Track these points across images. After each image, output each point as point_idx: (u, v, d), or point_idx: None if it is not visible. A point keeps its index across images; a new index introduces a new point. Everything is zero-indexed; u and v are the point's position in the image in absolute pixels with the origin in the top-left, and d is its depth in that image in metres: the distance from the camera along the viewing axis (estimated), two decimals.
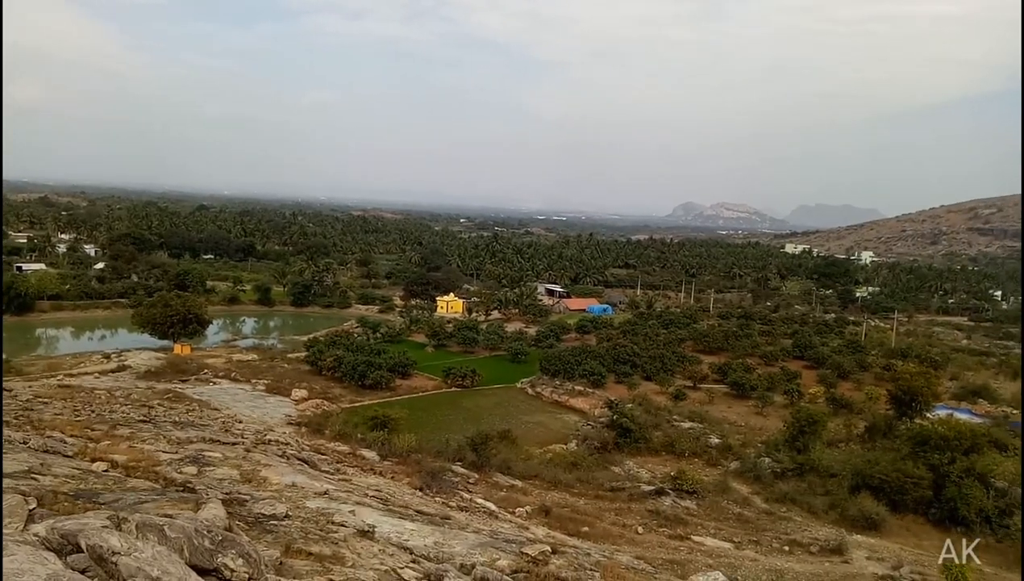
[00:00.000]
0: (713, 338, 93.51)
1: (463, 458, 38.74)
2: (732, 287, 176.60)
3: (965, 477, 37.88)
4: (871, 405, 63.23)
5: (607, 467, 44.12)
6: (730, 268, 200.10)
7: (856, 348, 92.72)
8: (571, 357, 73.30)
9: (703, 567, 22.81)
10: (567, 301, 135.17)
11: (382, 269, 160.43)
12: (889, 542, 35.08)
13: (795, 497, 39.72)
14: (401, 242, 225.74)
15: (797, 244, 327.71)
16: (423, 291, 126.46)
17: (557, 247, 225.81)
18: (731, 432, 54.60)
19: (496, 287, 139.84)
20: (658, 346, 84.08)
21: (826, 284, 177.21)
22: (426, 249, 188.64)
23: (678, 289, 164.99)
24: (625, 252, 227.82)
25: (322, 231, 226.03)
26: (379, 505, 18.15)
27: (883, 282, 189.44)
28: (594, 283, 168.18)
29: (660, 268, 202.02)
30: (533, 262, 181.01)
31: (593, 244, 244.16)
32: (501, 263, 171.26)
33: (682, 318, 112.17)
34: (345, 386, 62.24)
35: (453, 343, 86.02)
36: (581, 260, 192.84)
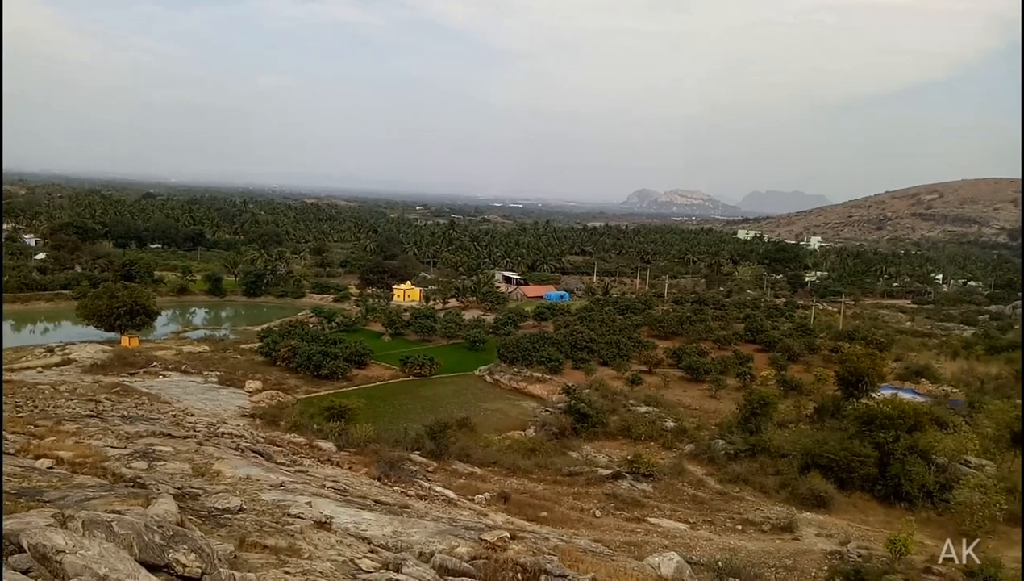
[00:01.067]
0: (668, 323, 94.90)
1: (421, 447, 38.66)
2: (686, 273, 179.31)
3: (908, 454, 39.29)
4: (820, 386, 65.01)
5: (565, 452, 44.52)
6: (684, 254, 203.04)
7: (805, 331, 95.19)
8: (529, 344, 73.58)
9: (659, 548, 23.21)
10: (524, 288, 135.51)
11: (337, 257, 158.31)
12: (837, 519, 36.24)
13: (747, 477, 40.68)
14: (356, 230, 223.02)
15: (749, 230, 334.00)
16: (379, 279, 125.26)
17: (514, 235, 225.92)
18: (686, 415, 55.59)
19: (453, 275, 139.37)
20: (614, 332, 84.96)
21: (777, 269, 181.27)
22: (382, 237, 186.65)
23: (633, 275, 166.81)
24: (581, 239, 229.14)
25: (275, 219, 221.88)
26: (336, 496, 17.98)
27: (831, 267, 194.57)
28: (551, 270, 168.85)
29: (616, 255, 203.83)
30: (490, 250, 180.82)
31: (550, 231, 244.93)
32: (458, 251, 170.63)
33: (637, 304, 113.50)
34: (300, 377, 61.42)
35: (410, 332, 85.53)
36: (538, 247, 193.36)
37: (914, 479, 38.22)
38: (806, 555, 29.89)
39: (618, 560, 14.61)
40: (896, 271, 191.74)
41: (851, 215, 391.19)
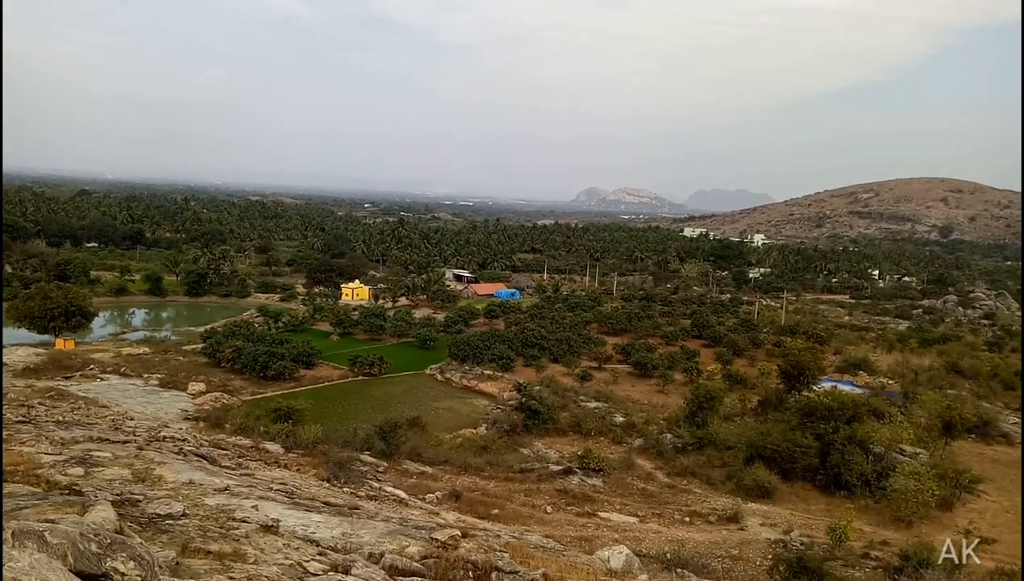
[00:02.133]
0: (617, 320, 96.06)
1: (372, 447, 38.25)
2: (634, 270, 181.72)
3: (847, 444, 40.64)
4: (764, 380, 66.73)
5: (516, 449, 44.63)
6: (632, 251, 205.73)
7: (750, 326, 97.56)
8: (480, 342, 73.53)
9: (609, 542, 23.48)
10: (475, 286, 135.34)
11: (283, 256, 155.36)
12: (781, 508, 37.25)
13: (695, 470, 41.49)
14: (303, 228, 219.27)
15: (695, 228, 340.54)
16: (327, 278, 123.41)
17: (465, 232, 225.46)
18: (635, 410, 56.36)
19: (403, 273, 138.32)
20: (564, 329, 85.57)
21: (722, 266, 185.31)
22: (329, 235, 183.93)
23: (583, 273, 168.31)
24: (532, 237, 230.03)
25: (217, 217, 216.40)
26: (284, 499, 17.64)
27: (774, 263, 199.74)
28: (502, 268, 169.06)
29: (566, 252, 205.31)
30: (440, 247, 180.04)
31: (500, 229, 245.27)
32: (408, 249, 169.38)
33: (587, 301, 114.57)
34: (246, 378, 60.10)
35: (359, 331, 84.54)
36: (489, 245, 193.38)
37: (853, 468, 39.56)
38: (751, 544, 30.65)
39: (569, 555, 14.71)
40: (835, 267, 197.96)
41: (792, 213, 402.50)
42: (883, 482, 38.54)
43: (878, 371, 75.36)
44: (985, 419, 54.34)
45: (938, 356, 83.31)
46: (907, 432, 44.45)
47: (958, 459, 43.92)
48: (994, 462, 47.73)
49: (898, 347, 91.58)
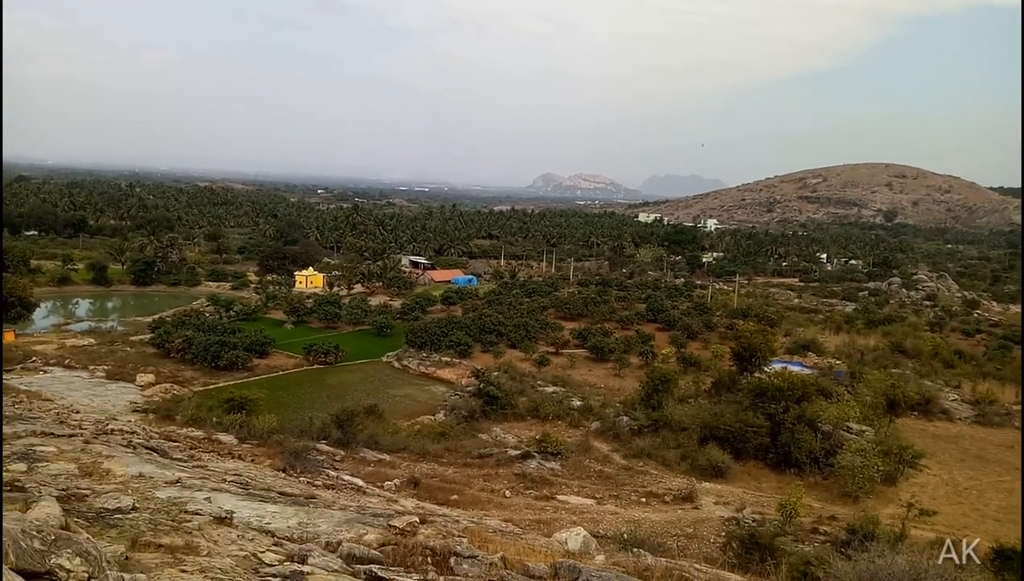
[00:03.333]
0: (573, 305, 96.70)
1: (328, 436, 37.88)
2: (590, 255, 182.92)
3: (797, 423, 41.78)
4: (717, 362, 68.02)
5: (475, 435, 44.72)
6: (588, 237, 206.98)
7: (703, 310, 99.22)
8: (437, 329, 73.24)
9: (567, 524, 23.70)
10: (432, 273, 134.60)
11: (234, 244, 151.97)
12: (734, 487, 38.15)
13: (651, 452, 42.15)
14: (254, 215, 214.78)
15: (649, 213, 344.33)
16: (280, 266, 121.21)
17: (420, 218, 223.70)
18: (592, 394, 56.91)
19: (358, 260, 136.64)
20: (522, 315, 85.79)
21: (676, 251, 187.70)
22: (281, 222, 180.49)
23: (540, 258, 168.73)
24: (488, 223, 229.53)
25: (164, 204, 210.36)
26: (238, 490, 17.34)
27: (726, 248, 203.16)
28: (459, 254, 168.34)
29: (522, 238, 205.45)
30: (396, 234, 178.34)
31: (457, 215, 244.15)
32: (363, 235, 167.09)
33: (544, 287, 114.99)
34: (197, 368, 58.79)
35: (314, 319, 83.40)
36: (445, 231, 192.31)
37: (802, 446, 40.69)
38: (705, 523, 31.34)
39: (527, 538, 14.80)
40: (785, 251, 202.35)
41: (744, 198, 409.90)
42: (831, 459, 39.73)
43: (826, 352, 77.47)
44: (927, 397, 56.37)
45: (883, 337, 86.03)
46: (854, 410, 45.87)
47: (902, 436, 45.54)
48: (935, 437, 49.65)
49: (845, 328, 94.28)
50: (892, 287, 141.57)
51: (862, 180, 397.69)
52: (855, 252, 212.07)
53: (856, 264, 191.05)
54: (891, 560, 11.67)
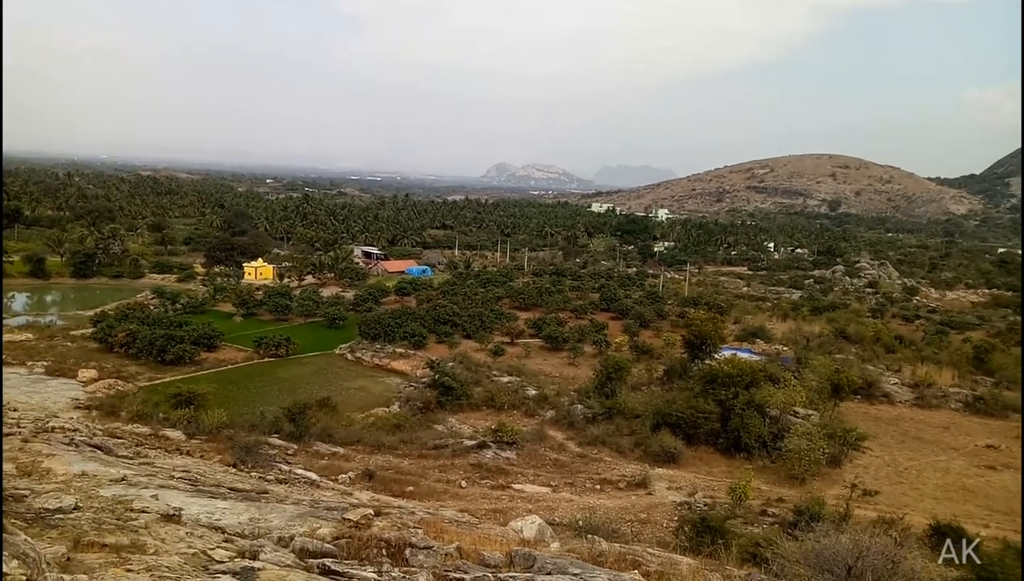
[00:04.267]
0: (528, 295, 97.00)
1: (280, 430, 37.32)
2: (544, 245, 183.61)
3: (746, 409, 42.77)
4: (669, 350, 69.11)
5: (430, 426, 44.56)
6: (542, 227, 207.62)
7: (655, 299, 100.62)
8: (391, 320, 72.63)
9: (523, 513, 23.85)
10: (385, 263, 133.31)
11: (179, 234, 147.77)
12: (686, 472, 38.90)
13: (605, 439, 42.64)
14: (200, 205, 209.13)
15: (602, 203, 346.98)
16: (228, 257, 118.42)
17: (373, 208, 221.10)
18: (546, 383, 57.24)
19: (309, 251, 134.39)
20: (477, 305, 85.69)
21: (628, 240, 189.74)
22: (229, 212, 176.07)
23: (494, 248, 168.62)
24: (442, 213, 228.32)
25: (105, 193, 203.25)
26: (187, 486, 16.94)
27: (677, 237, 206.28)
28: (412, 244, 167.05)
29: (477, 228, 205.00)
30: (348, 224, 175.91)
31: (410, 205, 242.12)
32: (313, 226, 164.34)
33: (499, 277, 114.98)
34: (142, 363, 57.13)
35: (264, 311, 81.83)
36: (398, 221, 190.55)
37: (751, 431, 41.69)
38: (658, 508, 31.90)
39: (483, 528, 14.83)
40: (734, 240, 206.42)
41: (695, 188, 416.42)
42: (779, 443, 40.81)
43: (774, 338, 79.39)
44: (869, 381, 58.32)
45: (827, 323, 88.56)
46: (800, 395, 47.17)
47: (846, 419, 47.06)
48: (877, 420, 51.42)
49: (792, 315, 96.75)
50: (836, 275, 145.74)
51: (807, 171, 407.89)
52: (801, 241, 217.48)
53: (802, 253, 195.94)
54: (835, 539, 12.04)
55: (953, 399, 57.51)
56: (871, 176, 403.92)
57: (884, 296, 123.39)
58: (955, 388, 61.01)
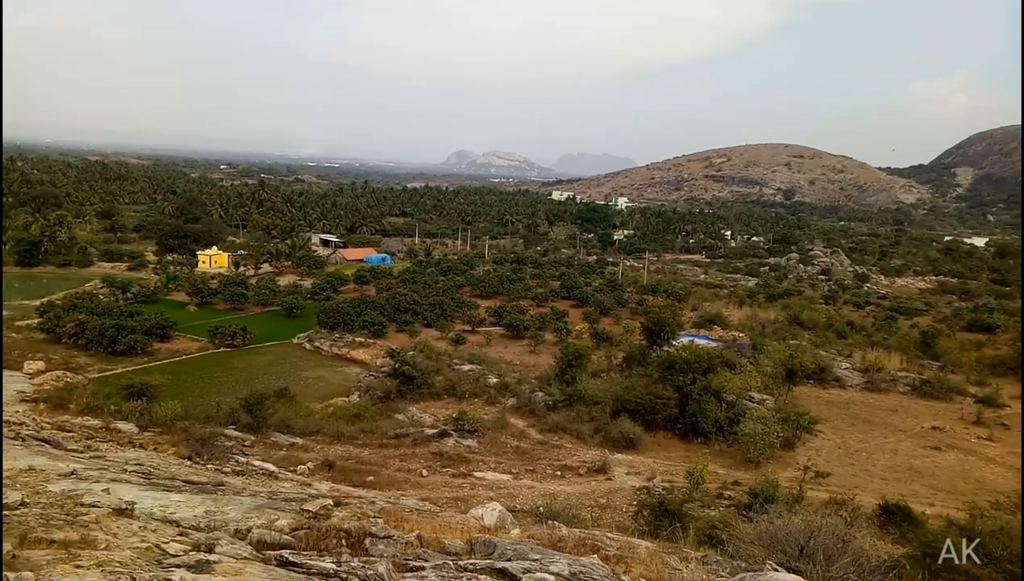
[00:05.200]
0: (489, 283, 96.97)
1: (237, 421, 36.73)
2: (505, 233, 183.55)
3: (703, 394, 43.51)
4: (628, 337, 69.87)
5: (391, 415, 44.35)
6: (503, 215, 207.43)
7: (615, 286, 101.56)
8: (350, 309, 71.92)
9: (484, 500, 23.90)
10: (344, 251, 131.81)
11: (130, 222, 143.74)
12: (645, 457, 39.45)
13: (565, 426, 42.99)
14: (151, 191, 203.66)
15: (563, 191, 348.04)
16: (181, 245, 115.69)
17: (331, 195, 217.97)
18: (508, 371, 57.41)
19: (266, 239, 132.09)
20: (437, 293, 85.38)
21: (588, 228, 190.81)
22: (182, 198, 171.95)
23: (455, 236, 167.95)
24: (402, 200, 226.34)
25: (51, 179, 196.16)
26: (141, 480, 16.55)
27: (636, 225, 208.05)
28: (371, 232, 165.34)
29: (437, 216, 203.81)
30: (305, 211, 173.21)
31: (369, 192, 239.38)
32: (270, 213, 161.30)
33: (459, 265, 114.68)
34: (92, 354, 55.61)
35: (219, 300, 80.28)
36: (357, 209, 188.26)
37: (708, 416, 42.46)
38: (618, 493, 32.31)
39: (444, 516, 14.82)
40: (692, 229, 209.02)
41: (654, 177, 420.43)
42: (735, 427, 41.65)
43: (730, 325, 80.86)
44: (822, 365, 59.85)
45: (782, 310, 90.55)
46: (755, 380, 48.20)
47: (799, 403, 48.22)
48: (829, 404, 52.82)
49: (748, 302, 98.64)
50: (790, 262, 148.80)
51: (763, 160, 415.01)
52: (757, 229, 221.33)
53: (758, 241, 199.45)
54: (788, 520, 12.36)
55: (901, 383, 59.36)
56: (824, 166, 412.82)
57: (836, 283, 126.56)
58: (903, 372, 62.99)
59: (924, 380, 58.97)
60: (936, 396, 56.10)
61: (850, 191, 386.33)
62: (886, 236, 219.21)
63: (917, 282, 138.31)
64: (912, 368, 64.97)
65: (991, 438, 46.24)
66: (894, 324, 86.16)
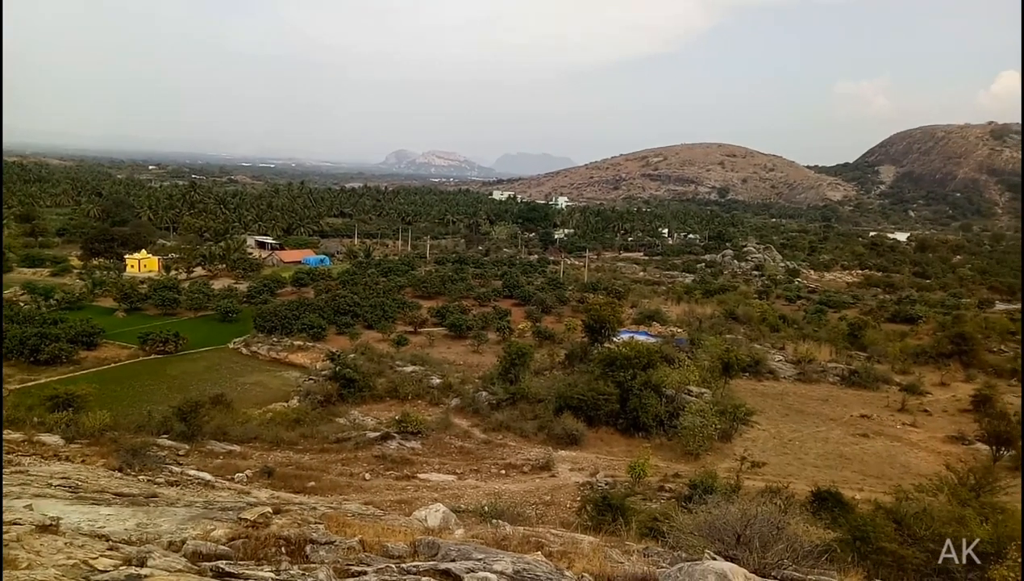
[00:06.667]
0: (431, 283, 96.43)
1: (170, 430, 35.56)
2: (446, 233, 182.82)
3: (644, 389, 44.26)
4: (570, 335, 70.55)
5: (332, 419, 43.64)
6: (444, 215, 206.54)
7: (556, 285, 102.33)
8: (288, 311, 70.43)
9: (428, 502, 23.76)
10: (281, 253, 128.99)
11: (51, 225, 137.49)
12: (588, 453, 39.89)
13: (509, 424, 43.11)
14: (75, 193, 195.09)
15: (503, 191, 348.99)
16: (107, 249, 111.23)
17: (266, 196, 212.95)
18: (451, 371, 57.21)
19: (198, 241, 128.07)
20: (378, 294, 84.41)
21: (529, 228, 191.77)
22: (108, 201, 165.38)
23: (395, 237, 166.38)
24: (340, 201, 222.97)
25: None
26: (67, 494, 15.85)
27: (577, 224, 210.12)
28: (309, 233, 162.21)
29: (377, 216, 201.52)
30: (240, 213, 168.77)
31: (306, 193, 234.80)
32: (202, 215, 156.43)
33: (400, 265, 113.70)
34: (12, 364, 52.85)
35: (150, 306, 77.52)
36: (294, 210, 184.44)
37: (649, 411, 43.22)
38: (562, 489, 32.58)
39: (388, 519, 14.68)
40: (631, 227, 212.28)
41: (593, 176, 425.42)
42: (674, 421, 42.51)
43: (669, 321, 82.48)
44: (756, 358, 61.63)
45: (718, 305, 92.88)
46: (693, 374, 49.27)
47: (736, 395, 49.54)
48: (763, 395, 54.45)
49: (685, 298, 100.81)
50: (726, 259, 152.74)
51: (698, 159, 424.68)
52: (693, 227, 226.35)
53: (694, 238, 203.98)
54: (726, 510, 12.69)
55: (831, 373, 61.65)
56: (756, 164, 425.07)
57: (769, 278, 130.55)
58: (833, 363, 65.43)
59: (852, 370, 61.36)
60: (864, 385, 58.44)
61: (781, 189, 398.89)
62: (815, 232, 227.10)
63: (844, 276, 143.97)
64: (841, 359, 67.55)
65: (915, 424, 48.50)
66: (823, 317, 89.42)
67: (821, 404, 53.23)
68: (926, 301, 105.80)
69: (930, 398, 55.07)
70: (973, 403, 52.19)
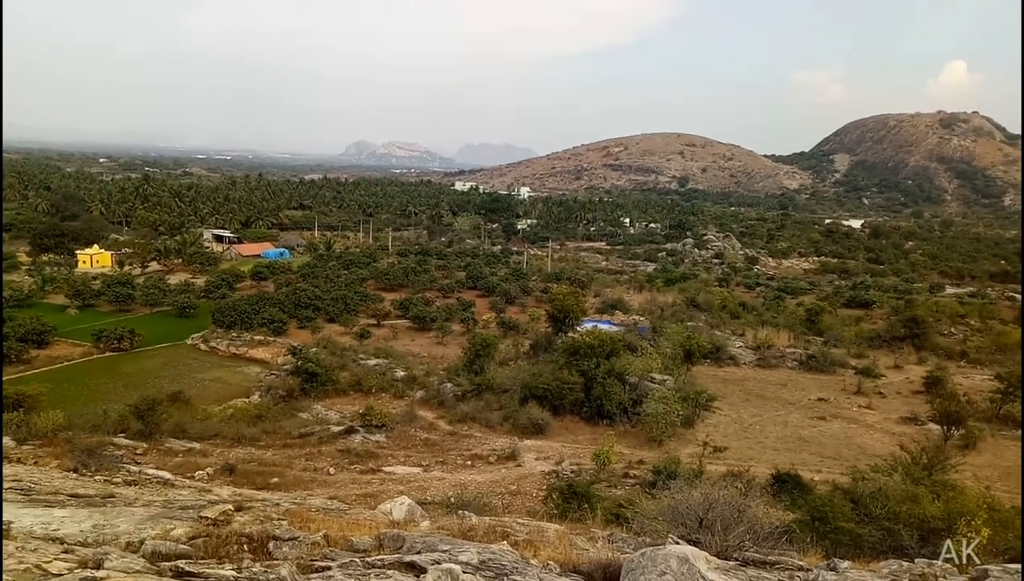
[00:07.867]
0: (393, 275, 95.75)
1: (127, 428, 34.79)
2: (408, 225, 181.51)
3: (607, 377, 44.66)
4: (534, 325, 70.75)
5: (295, 414, 43.12)
6: (405, 206, 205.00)
7: (520, 275, 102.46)
8: (248, 306, 69.27)
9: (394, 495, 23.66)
10: (239, 247, 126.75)
11: None
12: (553, 442, 40.13)
13: (475, 415, 43.13)
14: (22, 187, 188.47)
15: (465, 181, 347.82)
16: (58, 244, 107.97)
17: (223, 189, 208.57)
18: (415, 363, 56.96)
19: (152, 236, 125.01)
20: (340, 287, 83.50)
21: (492, 218, 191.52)
22: (57, 195, 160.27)
23: (357, 229, 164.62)
24: (299, 193, 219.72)
25: None
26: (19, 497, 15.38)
27: (539, 215, 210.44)
28: (268, 226, 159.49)
29: (337, 208, 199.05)
30: (196, 206, 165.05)
31: (264, 185, 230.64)
32: (156, 208, 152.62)
33: (362, 258, 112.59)
34: None
35: (103, 302, 75.53)
36: (252, 202, 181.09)
37: (613, 399, 43.63)
38: (528, 478, 32.73)
39: (352, 513, 14.57)
40: (593, 217, 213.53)
41: (554, 167, 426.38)
42: (638, 408, 43.00)
43: (631, 310, 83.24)
44: (717, 345, 62.58)
45: (680, 293, 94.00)
46: (656, 362, 49.86)
47: (697, 382, 50.28)
48: (724, 381, 55.34)
49: (647, 287, 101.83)
50: (686, 248, 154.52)
51: (658, 149, 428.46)
52: (654, 216, 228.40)
53: (655, 227, 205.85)
54: (688, 495, 12.87)
55: (789, 358, 62.93)
56: (715, 153, 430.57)
57: (729, 266, 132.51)
58: (791, 348, 66.79)
59: (810, 355, 62.72)
60: (821, 369, 59.79)
61: (739, 178, 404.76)
62: (773, 220, 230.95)
63: (801, 263, 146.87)
64: (799, 344, 68.99)
65: (870, 406, 49.83)
66: (782, 303, 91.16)
67: (780, 389, 54.30)
68: (880, 286, 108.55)
69: (884, 381, 56.58)
70: (925, 385, 53.82)
